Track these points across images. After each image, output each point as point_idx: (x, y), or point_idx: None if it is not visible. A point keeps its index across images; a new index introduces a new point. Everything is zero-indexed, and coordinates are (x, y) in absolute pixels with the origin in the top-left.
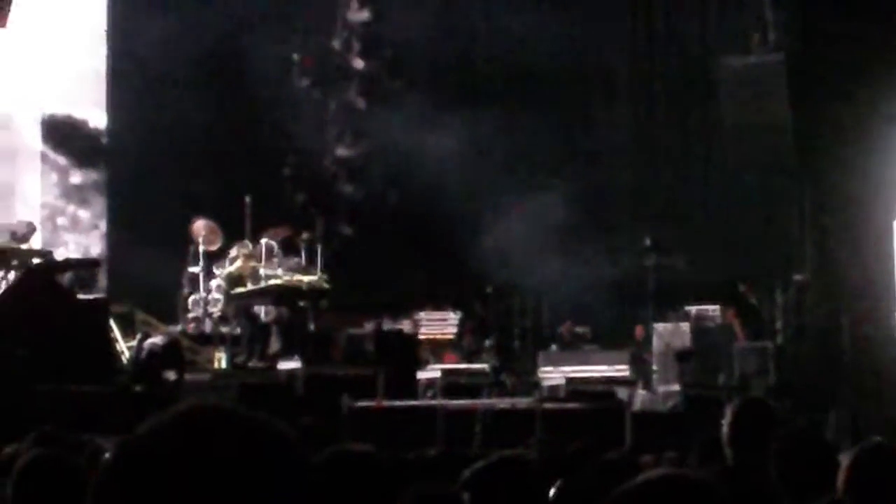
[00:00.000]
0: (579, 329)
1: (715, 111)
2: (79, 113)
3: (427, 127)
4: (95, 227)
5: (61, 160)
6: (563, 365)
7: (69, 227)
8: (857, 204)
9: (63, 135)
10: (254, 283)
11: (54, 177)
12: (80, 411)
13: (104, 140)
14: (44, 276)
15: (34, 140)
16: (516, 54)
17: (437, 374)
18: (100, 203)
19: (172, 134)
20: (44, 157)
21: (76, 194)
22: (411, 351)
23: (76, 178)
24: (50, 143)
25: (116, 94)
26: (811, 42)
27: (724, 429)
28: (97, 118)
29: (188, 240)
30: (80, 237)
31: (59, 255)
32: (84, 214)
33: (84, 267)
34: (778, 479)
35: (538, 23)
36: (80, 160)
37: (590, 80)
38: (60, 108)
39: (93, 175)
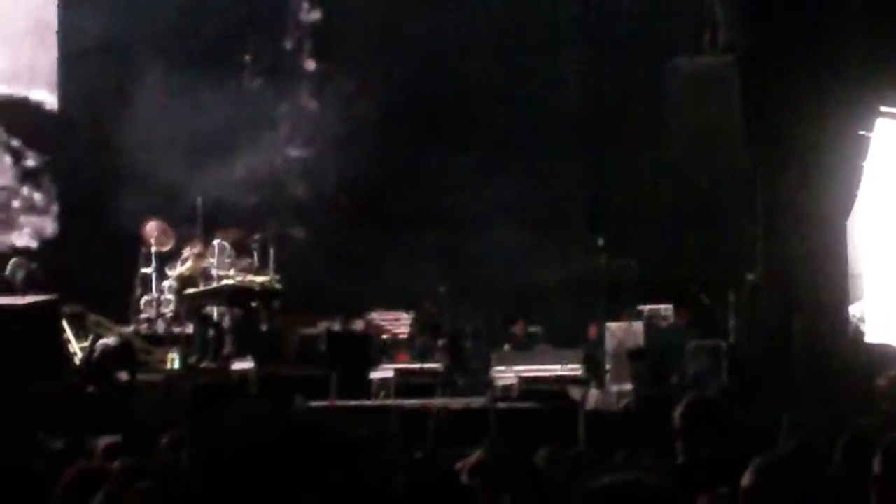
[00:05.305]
0: (532, 328)
1: (666, 112)
2: (34, 95)
3: (379, 128)
4: (48, 211)
5: (15, 142)
6: (516, 364)
7: (24, 210)
8: (809, 205)
9: (17, 117)
10: (206, 284)
11: (8, 160)
12: (33, 412)
13: (54, 125)
14: None
15: None
16: (467, 58)
17: (391, 374)
18: (53, 187)
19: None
20: None
21: (31, 177)
22: (364, 351)
23: (31, 160)
24: (3, 125)
25: (68, 80)
26: (762, 42)
27: (675, 424)
28: (52, 101)
29: (140, 241)
30: (33, 219)
31: (15, 238)
32: (38, 197)
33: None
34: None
35: (485, 25)
36: (35, 143)
37: (540, 81)
38: (15, 91)
39: (47, 158)
